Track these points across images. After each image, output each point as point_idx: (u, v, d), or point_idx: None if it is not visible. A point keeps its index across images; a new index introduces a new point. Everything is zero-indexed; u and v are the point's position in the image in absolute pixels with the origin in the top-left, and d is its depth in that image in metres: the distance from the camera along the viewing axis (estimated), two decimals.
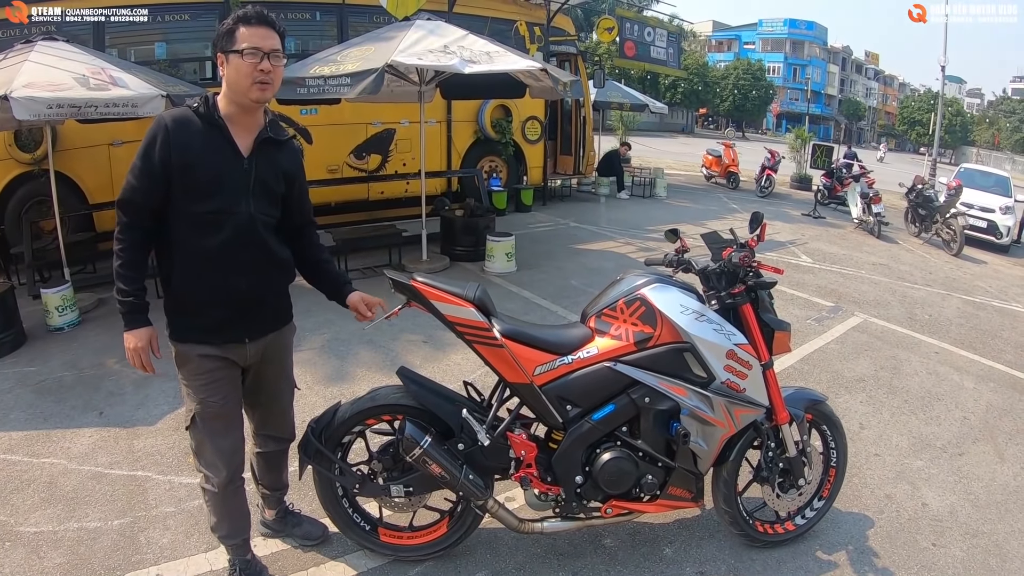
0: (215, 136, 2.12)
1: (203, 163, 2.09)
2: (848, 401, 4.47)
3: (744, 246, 2.52)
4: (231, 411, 2.29)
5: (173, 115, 2.11)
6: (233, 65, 2.07)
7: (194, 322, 2.18)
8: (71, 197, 7.06)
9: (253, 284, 2.21)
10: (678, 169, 19.87)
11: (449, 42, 5.95)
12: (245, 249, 2.17)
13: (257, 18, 2.09)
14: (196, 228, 2.11)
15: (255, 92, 2.08)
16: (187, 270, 2.13)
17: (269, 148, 2.22)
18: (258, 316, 2.28)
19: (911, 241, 11.28)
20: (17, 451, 3.59)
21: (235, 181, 2.14)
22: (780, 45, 64.02)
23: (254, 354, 2.29)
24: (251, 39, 2.06)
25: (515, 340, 2.34)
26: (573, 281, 7.01)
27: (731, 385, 2.45)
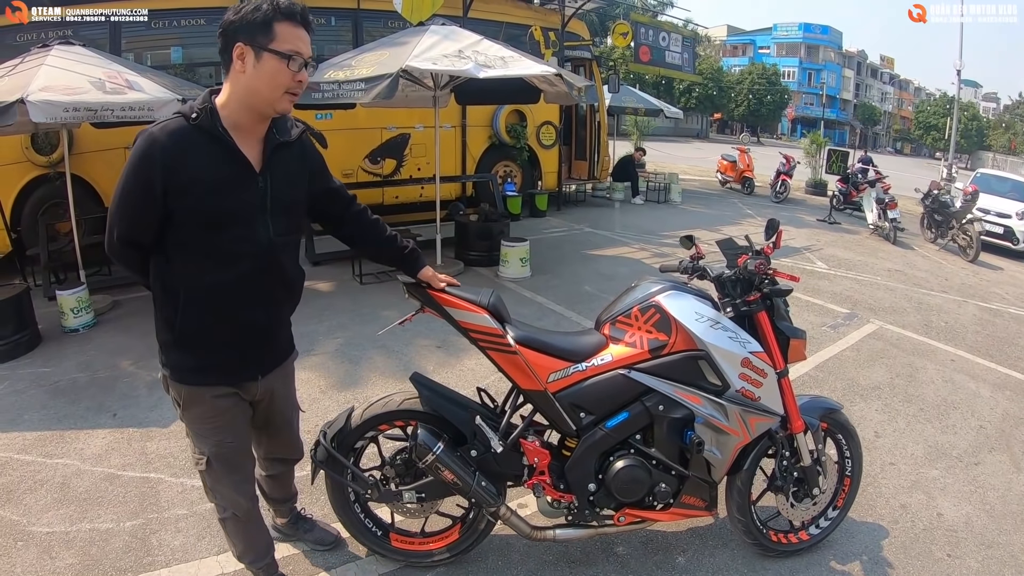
0: (220, 151, 1.78)
1: (209, 186, 1.76)
2: (863, 409, 4.43)
3: (760, 253, 2.50)
4: (246, 446, 2.17)
5: (166, 129, 1.74)
6: (267, 67, 1.73)
7: (206, 363, 1.93)
8: (87, 200, 7.13)
9: (270, 316, 2.02)
10: (693, 174, 19.81)
11: (463, 47, 5.97)
12: (264, 279, 1.92)
13: (302, 16, 1.77)
14: (206, 262, 1.83)
15: (284, 103, 1.80)
16: (196, 308, 1.85)
17: (282, 153, 1.93)
18: (272, 349, 2.11)
19: (927, 247, 11.17)
20: (31, 451, 3.62)
21: (250, 203, 1.85)
22: (795, 49, 63.80)
23: (264, 390, 2.11)
24: (295, 42, 1.74)
25: (529, 347, 2.33)
26: (587, 287, 7.00)
27: (746, 393, 2.42)
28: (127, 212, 1.79)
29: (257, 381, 2.05)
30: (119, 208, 1.79)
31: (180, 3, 7.94)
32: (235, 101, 1.79)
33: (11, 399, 4.30)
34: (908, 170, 29.04)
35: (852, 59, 69.25)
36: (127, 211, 1.79)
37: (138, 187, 1.74)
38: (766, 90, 50.05)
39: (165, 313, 1.88)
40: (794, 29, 64.06)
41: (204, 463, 2.05)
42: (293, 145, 1.97)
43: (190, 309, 1.84)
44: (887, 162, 19.68)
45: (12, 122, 4.63)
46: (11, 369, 4.78)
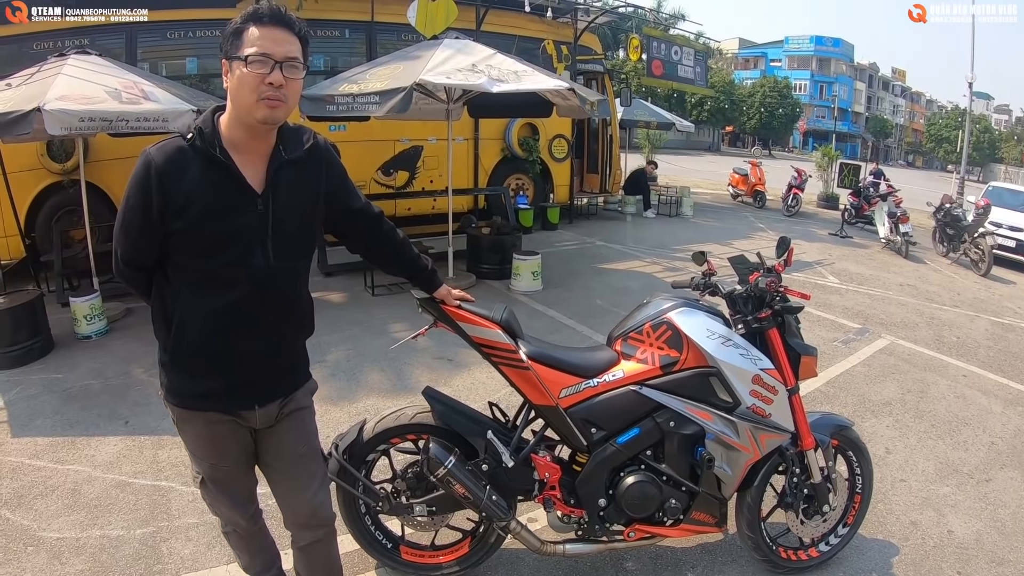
0: (217, 173, 1.70)
1: (205, 210, 1.68)
2: (874, 425, 4.41)
3: (771, 271, 2.51)
4: (242, 471, 2.03)
5: (163, 151, 1.68)
6: (236, 75, 1.65)
7: (196, 388, 1.83)
8: (101, 208, 7.19)
9: (269, 346, 1.86)
10: (704, 187, 19.81)
11: (477, 61, 6.01)
12: (262, 307, 1.79)
13: (271, 16, 1.66)
14: (201, 286, 1.74)
15: (261, 111, 1.65)
16: (190, 331, 1.76)
17: (289, 173, 1.80)
18: (272, 380, 1.92)
19: (939, 261, 11.12)
20: (42, 457, 3.65)
21: (248, 227, 1.74)
22: (806, 62, 63.73)
23: (266, 419, 1.93)
24: (261, 42, 1.63)
25: (541, 362, 2.34)
26: (599, 301, 7.00)
27: (757, 410, 2.43)
28: (128, 234, 1.75)
29: (254, 410, 1.89)
30: (120, 230, 1.77)
31: (194, 15, 8.05)
32: (230, 118, 1.73)
33: (23, 404, 4.34)
34: (920, 183, 28.93)
35: (864, 72, 69.10)
36: (128, 233, 1.75)
37: (136, 209, 1.69)
38: (778, 103, 49.95)
39: (161, 334, 1.83)
40: (806, 42, 63.98)
41: (200, 481, 2.03)
42: (303, 162, 1.83)
43: (184, 332, 1.76)
44: (898, 175, 19.61)
45: (29, 131, 4.67)
46: (24, 374, 4.82)
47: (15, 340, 4.99)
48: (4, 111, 4.68)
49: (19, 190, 6.93)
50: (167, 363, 1.84)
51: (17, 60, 6.85)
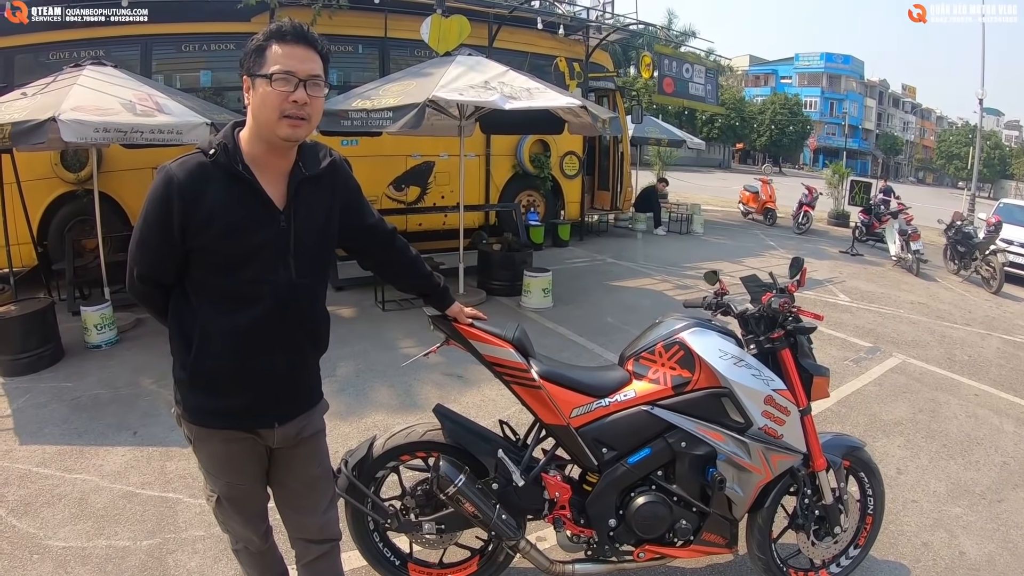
0: (240, 190, 1.68)
1: (227, 227, 1.66)
2: (886, 445, 4.37)
3: (784, 291, 2.49)
4: (258, 487, 2.00)
5: (184, 166, 1.66)
6: (259, 93, 1.64)
7: (215, 406, 1.79)
8: (114, 218, 7.25)
9: (290, 363, 1.84)
10: (715, 205, 19.81)
11: (490, 78, 6.04)
12: (283, 324, 1.78)
13: (294, 34, 1.66)
14: (222, 304, 1.72)
15: (284, 129, 1.65)
16: (209, 349, 1.73)
17: (309, 189, 1.80)
18: (291, 398, 1.90)
19: (950, 279, 11.06)
20: (50, 465, 3.66)
21: (271, 244, 1.72)
22: (817, 79, 63.52)
23: (283, 439, 1.90)
24: (284, 60, 1.63)
25: (553, 382, 2.33)
26: (609, 318, 6.98)
27: (769, 431, 2.41)
28: (146, 250, 1.72)
29: (274, 429, 1.87)
30: (138, 246, 1.73)
31: (209, 28, 8.14)
32: (251, 134, 1.72)
33: (32, 412, 4.36)
34: (930, 200, 28.78)
35: (874, 88, 68.87)
36: (146, 249, 1.72)
37: (155, 225, 1.67)
38: (788, 120, 49.88)
39: (179, 352, 1.78)
40: (816, 59, 63.78)
41: (214, 500, 1.98)
42: (321, 179, 1.83)
43: (204, 350, 1.73)
44: (909, 192, 19.54)
45: (44, 140, 4.70)
46: (33, 382, 4.85)
47: (25, 347, 5.03)
48: (20, 120, 4.73)
49: (33, 198, 7.01)
50: (184, 380, 1.79)
51: (33, 70, 6.96)
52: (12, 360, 5.00)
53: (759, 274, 2.68)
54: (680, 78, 12.34)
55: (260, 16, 7.75)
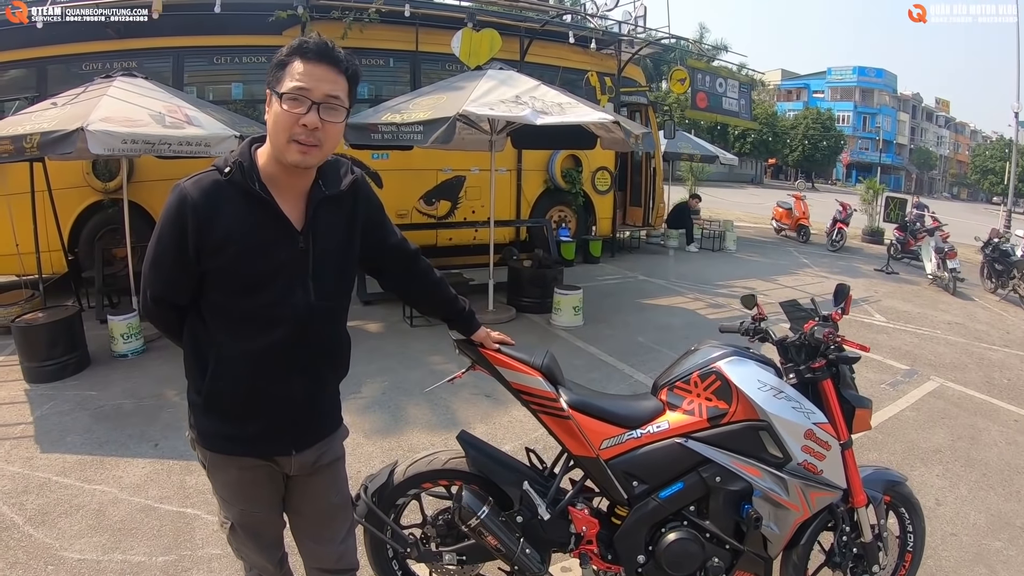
0: (256, 210, 1.61)
1: (244, 248, 1.59)
2: (924, 474, 4.20)
3: (827, 319, 2.37)
4: (275, 515, 1.93)
5: (199, 185, 1.59)
6: (273, 111, 1.56)
7: (231, 432, 1.73)
8: (144, 227, 7.30)
9: (308, 388, 1.77)
10: (747, 221, 19.58)
11: (521, 92, 5.98)
12: (302, 348, 1.71)
13: (316, 51, 1.55)
14: (238, 327, 1.66)
15: (293, 154, 1.56)
16: (225, 373, 1.67)
17: (328, 209, 1.72)
18: (309, 424, 1.83)
19: (987, 297, 10.75)
20: (70, 474, 3.66)
21: (289, 267, 1.65)
22: (849, 93, 62.82)
23: (300, 466, 1.83)
24: (300, 79, 1.53)
25: (582, 411, 2.23)
26: (640, 338, 6.84)
27: (808, 466, 2.28)
28: (160, 271, 1.66)
29: (291, 456, 1.80)
30: (152, 267, 1.67)
31: (241, 41, 8.23)
32: (267, 151, 1.63)
33: (55, 420, 4.38)
34: (965, 216, 28.24)
35: (907, 102, 67.90)
36: (160, 270, 1.66)
37: (170, 245, 1.60)
38: (821, 135, 49.30)
39: (194, 375, 1.72)
40: (848, 73, 63.08)
41: (228, 527, 1.90)
42: (342, 197, 1.75)
43: (219, 375, 1.67)
44: (943, 208, 19.14)
45: (72, 150, 4.73)
46: (58, 390, 4.88)
47: (51, 355, 5.07)
48: (48, 129, 4.77)
49: (64, 207, 7.12)
50: (199, 405, 1.73)
51: (66, 80, 7.05)
52: (38, 367, 5.04)
53: (799, 300, 2.56)
54: (714, 93, 12.19)
55: (292, 29, 7.82)
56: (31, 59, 7.55)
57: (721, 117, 13.50)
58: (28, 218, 6.44)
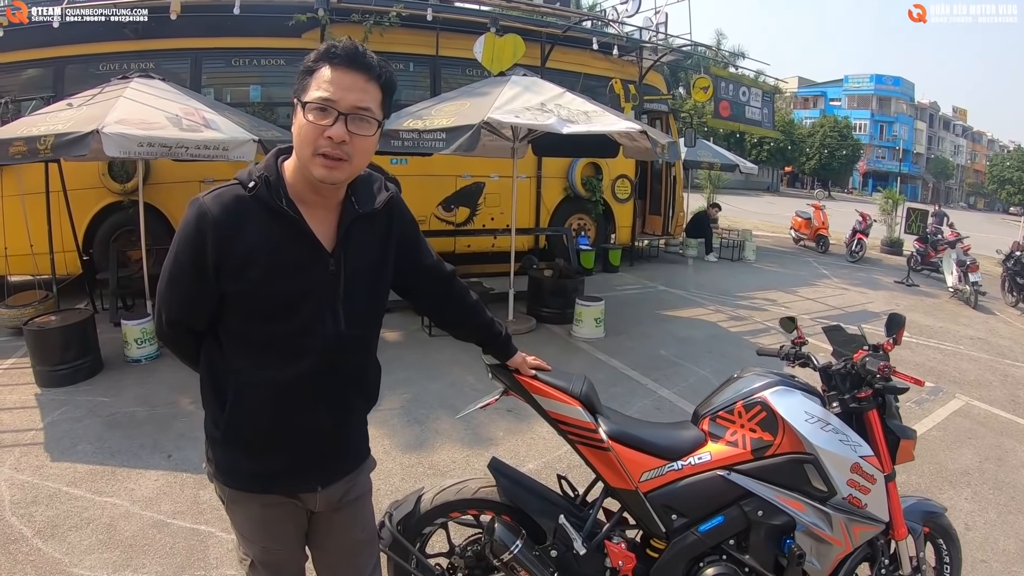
0: (284, 228, 1.47)
1: (269, 271, 1.45)
2: (953, 498, 4.08)
3: (879, 349, 2.26)
4: (298, 549, 1.80)
5: (220, 200, 1.45)
6: (297, 122, 1.43)
7: (253, 468, 1.59)
8: (160, 229, 7.29)
9: (336, 420, 1.64)
10: (765, 230, 19.41)
11: (546, 100, 5.86)
12: (330, 380, 1.58)
13: (345, 57, 1.42)
14: (260, 355, 1.52)
15: (317, 168, 1.42)
16: (249, 406, 1.54)
17: (362, 228, 1.58)
18: (336, 458, 1.70)
19: (1008, 311, 10.58)
20: (81, 485, 3.58)
21: (318, 291, 1.51)
22: (866, 101, 62.63)
23: (326, 503, 1.70)
24: (327, 87, 1.39)
25: (622, 442, 2.13)
26: (662, 351, 6.72)
27: (853, 500, 2.17)
28: (176, 293, 1.53)
29: (316, 492, 1.66)
30: (167, 288, 1.54)
31: (259, 43, 8.16)
32: (294, 164, 1.50)
33: (67, 426, 4.31)
34: (982, 227, 27.94)
35: (924, 111, 67.47)
36: (176, 292, 1.53)
37: (187, 265, 1.47)
38: (838, 143, 48.97)
39: (212, 407, 1.59)
40: (865, 81, 62.87)
41: (248, 563, 1.78)
42: (378, 216, 1.61)
43: (241, 408, 1.53)
44: (960, 217, 18.92)
45: (86, 152, 4.67)
46: (70, 395, 4.82)
47: (64, 359, 5.01)
48: (63, 131, 4.72)
49: (79, 207, 7.07)
50: (218, 439, 1.59)
51: (84, 80, 7.01)
52: (50, 371, 4.97)
53: (844, 326, 2.45)
54: (737, 101, 12.02)
55: (311, 32, 7.77)
56: (48, 59, 7.52)
57: (744, 126, 13.32)
58: (43, 218, 6.41)
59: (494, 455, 2.41)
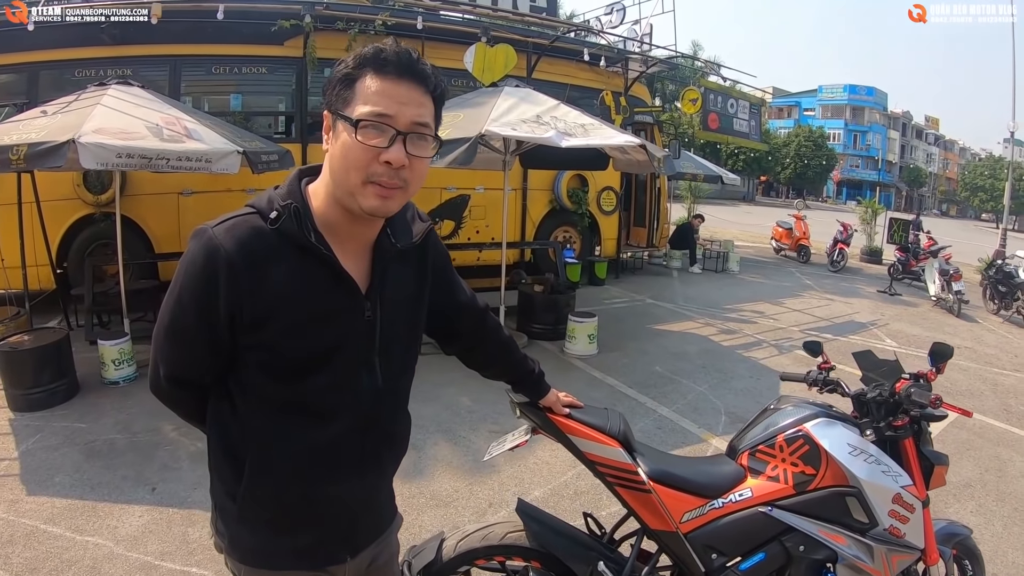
0: (314, 269, 1.20)
1: (296, 321, 1.20)
2: (958, 511, 4.06)
3: (919, 378, 2.18)
4: None
5: (234, 234, 1.17)
6: (341, 142, 1.15)
7: (277, 547, 1.34)
8: (137, 243, 7.05)
9: (369, 484, 1.42)
10: (745, 240, 19.51)
11: (542, 112, 5.72)
12: (364, 440, 1.35)
13: (398, 64, 1.15)
14: (284, 418, 1.27)
15: (369, 199, 1.16)
16: (269, 478, 1.29)
17: (397, 267, 1.34)
18: (368, 524, 1.48)
19: (990, 319, 10.69)
20: (59, 522, 3.35)
21: (352, 341, 1.27)
22: (840, 111, 63.67)
23: (355, 572, 1.45)
24: (380, 100, 1.13)
25: (663, 483, 2.00)
26: (657, 367, 6.61)
27: (893, 531, 2.10)
28: (178, 344, 1.27)
29: (346, 563, 1.41)
30: (166, 337, 1.27)
31: (240, 50, 7.93)
32: (326, 192, 1.22)
33: (43, 455, 4.08)
34: (956, 233, 28.35)
35: (897, 120, 68.66)
36: (177, 343, 1.27)
37: (193, 312, 1.21)
38: (813, 153, 49.61)
39: (225, 475, 1.33)
40: (839, 91, 63.82)
41: None
42: (413, 252, 1.37)
43: (260, 477, 1.28)
44: (934, 225, 19.16)
45: (61, 163, 4.42)
46: (45, 420, 4.58)
47: (38, 382, 4.78)
48: (36, 141, 4.48)
49: (53, 220, 6.81)
50: (232, 513, 1.33)
51: (59, 86, 6.77)
52: (24, 394, 4.74)
53: (874, 351, 2.38)
54: (725, 113, 12.02)
55: (294, 40, 7.61)
56: (21, 64, 7.22)
57: (732, 139, 13.35)
58: (15, 230, 6.10)
59: (520, 498, 2.27)
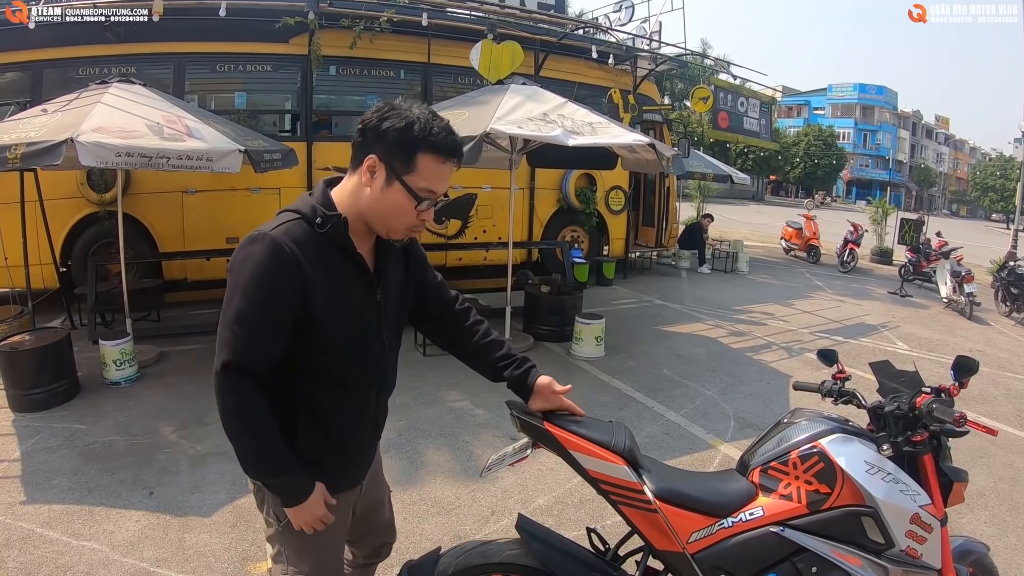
0: (346, 264, 1.56)
1: (341, 307, 1.55)
2: (972, 522, 3.97)
3: (943, 394, 2.09)
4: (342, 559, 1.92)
5: (291, 235, 1.47)
6: (394, 198, 1.50)
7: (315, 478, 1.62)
8: (141, 242, 7.03)
9: (380, 424, 1.85)
10: (754, 240, 19.37)
11: (548, 110, 5.62)
12: (379, 395, 1.76)
13: (451, 151, 1.54)
14: (327, 386, 1.61)
15: (400, 235, 1.58)
16: (317, 434, 1.63)
17: (394, 259, 1.72)
18: (370, 456, 1.87)
19: (1002, 322, 10.55)
20: (56, 526, 3.30)
21: (370, 321, 1.64)
22: (850, 110, 63.45)
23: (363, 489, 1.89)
24: (433, 180, 1.52)
25: (670, 502, 1.91)
26: (665, 370, 6.52)
27: (910, 552, 2.00)
28: (257, 337, 1.47)
29: (360, 486, 1.85)
30: (247, 334, 1.46)
31: (245, 48, 7.89)
32: (353, 206, 1.55)
33: (41, 457, 4.04)
34: (966, 234, 28.12)
35: (907, 120, 68.36)
36: (257, 336, 1.47)
37: (270, 308, 1.46)
38: (822, 152, 49.32)
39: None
40: (849, 90, 63.62)
41: None
42: (401, 248, 1.73)
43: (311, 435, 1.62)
44: (943, 225, 19.01)
45: (58, 162, 4.35)
46: (45, 421, 4.54)
47: (38, 382, 4.74)
48: (34, 139, 4.42)
49: (57, 218, 6.79)
50: None
51: (62, 85, 6.74)
52: (24, 395, 4.70)
53: (892, 362, 2.28)
54: (735, 112, 11.88)
55: (299, 37, 7.57)
56: (25, 62, 7.20)
57: (743, 138, 13.21)
58: (18, 229, 6.10)
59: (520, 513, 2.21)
